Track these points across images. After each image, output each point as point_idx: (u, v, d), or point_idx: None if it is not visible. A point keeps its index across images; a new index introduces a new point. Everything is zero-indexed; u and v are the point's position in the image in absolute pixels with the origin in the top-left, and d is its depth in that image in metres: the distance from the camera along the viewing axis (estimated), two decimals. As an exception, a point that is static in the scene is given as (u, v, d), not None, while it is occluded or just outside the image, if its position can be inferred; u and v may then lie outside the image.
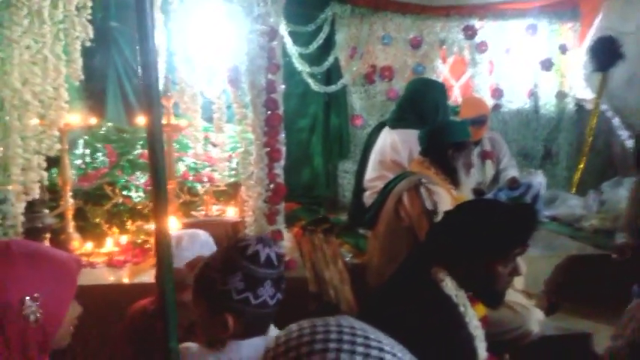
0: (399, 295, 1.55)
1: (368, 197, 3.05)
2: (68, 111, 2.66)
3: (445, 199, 2.02)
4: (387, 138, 3.04)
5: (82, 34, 2.08)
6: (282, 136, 2.29)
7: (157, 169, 1.15)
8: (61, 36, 2.07)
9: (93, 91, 3.70)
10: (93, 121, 2.82)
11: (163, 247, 1.17)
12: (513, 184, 3.72)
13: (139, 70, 2.30)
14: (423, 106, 2.94)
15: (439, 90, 3.01)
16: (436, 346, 1.38)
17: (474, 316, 1.54)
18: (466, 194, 2.28)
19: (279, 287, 1.23)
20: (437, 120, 2.89)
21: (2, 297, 0.99)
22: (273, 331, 1.26)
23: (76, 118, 2.51)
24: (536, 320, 2.04)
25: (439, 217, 1.85)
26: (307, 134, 4.45)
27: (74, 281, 1.13)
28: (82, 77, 2.14)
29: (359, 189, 3.22)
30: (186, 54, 2.28)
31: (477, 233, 1.45)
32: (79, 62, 2.10)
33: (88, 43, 2.09)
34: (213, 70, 2.40)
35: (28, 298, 1.01)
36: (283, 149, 2.30)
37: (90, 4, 2.04)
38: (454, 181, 2.19)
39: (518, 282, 2.40)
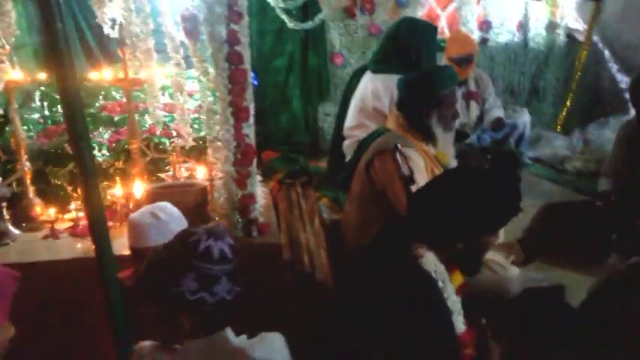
0: (376, 270, 1.50)
1: (347, 147, 2.92)
2: (19, 64, 2.44)
3: (419, 163, 1.90)
4: (369, 83, 2.86)
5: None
6: (250, 92, 2.09)
7: (78, 134, 1.00)
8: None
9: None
10: (42, 76, 2.56)
11: (99, 229, 1.08)
12: (498, 125, 3.60)
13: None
14: (406, 50, 2.74)
15: (426, 32, 2.79)
16: (414, 325, 1.36)
17: (452, 290, 1.51)
18: (446, 149, 2.17)
19: (236, 280, 1.14)
20: (419, 65, 2.70)
21: None
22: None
23: (19, 74, 2.27)
24: (515, 279, 2.02)
25: (416, 184, 1.75)
26: (284, 75, 4.19)
27: (7, 301, 1.02)
28: (17, 32, 1.89)
29: (338, 137, 3.08)
30: (137, 3, 2.01)
31: (467, 214, 1.38)
32: (11, 15, 1.84)
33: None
34: (167, 20, 2.14)
35: None
36: (251, 106, 2.12)
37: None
38: (429, 138, 2.06)
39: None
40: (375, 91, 2.77)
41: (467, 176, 1.47)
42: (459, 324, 1.52)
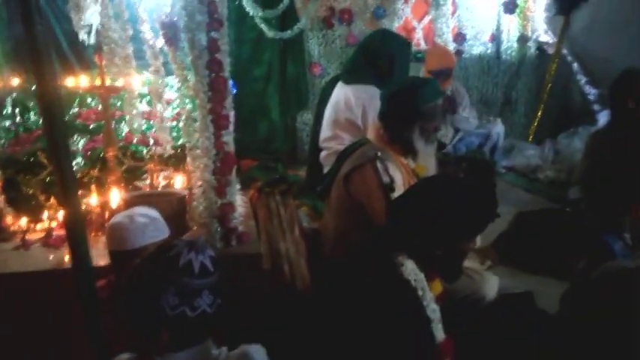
0: (357, 279, 1.51)
1: (324, 158, 2.92)
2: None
3: (396, 176, 1.91)
4: (341, 94, 2.87)
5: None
6: (230, 101, 2.09)
7: (57, 142, 0.99)
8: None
9: (21, 44, 3.29)
10: (15, 81, 2.50)
11: (76, 235, 1.05)
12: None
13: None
14: (378, 61, 2.76)
15: (399, 44, 2.82)
16: (394, 332, 1.37)
17: (431, 299, 1.52)
18: (427, 162, 2.19)
19: (218, 292, 1.13)
20: (392, 77, 2.73)
21: None
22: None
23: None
24: (491, 285, 2.06)
25: (396, 193, 1.77)
26: (263, 84, 4.21)
27: None
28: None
29: (315, 147, 3.09)
30: (116, 9, 1.99)
31: (445, 221, 1.41)
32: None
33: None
34: (147, 27, 2.12)
35: None
36: (231, 114, 2.11)
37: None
38: (410, 151, 2.07)
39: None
40: (347, 102, 2.78)
41: (443, 184, 1.50)
42: (439, 332, 1.53)
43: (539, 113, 4.27)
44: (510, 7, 4.39)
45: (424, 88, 2.12)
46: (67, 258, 2.11)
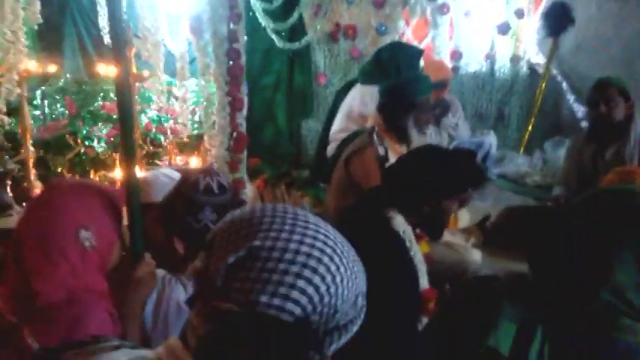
0: (351, 230, 1.72)
1: (331, 150, 3.16)
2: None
3: (392, 160, 2.14)
4: (357, 92, 3.14)
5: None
6: (245, 86, 2.35)
7: (126, 118, 1.22)
8: (17, -22, 2.04)
9: (49, 42, 3.60)
10: (52, 68, 2.77)
11: (132, 191, 1.25)
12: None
13: (100, 20, 2.28)
14: (387, 68, 3.05)
15: (406, 55, 3.10)
16: (384, 274, 1.57)
17: (418, 251, 1.73)
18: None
19: (223, 214, 1.33)
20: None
21: (60, 226, 1.06)
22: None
23: (34, 65, 2.48)
24: (474, 258, 2.27)
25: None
26: (271, 92, 4.48)
27: (120, 211, 1.20)
28: (41, 20, 2.12)
29: (323, 143, 3.33)
30: (149, 1, 2.28)
31: (433, 178, 1.63)
32: (37, 5, 2.08)
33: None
34: (175, 19, 2.41)
35: (82, 228, 1.08)
36: (245, 99, 2.37)
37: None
38: (404, 139, 2.32)
39: (462, 224, 2.64)
40: (362, 98, 3.04)
41: (431, 149, 1.74)
42: (424, 282, 1.74)
43: (530, 127, 4.52)
44: (504, 29, 4.71)
45: (417, 82, 2.41)
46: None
